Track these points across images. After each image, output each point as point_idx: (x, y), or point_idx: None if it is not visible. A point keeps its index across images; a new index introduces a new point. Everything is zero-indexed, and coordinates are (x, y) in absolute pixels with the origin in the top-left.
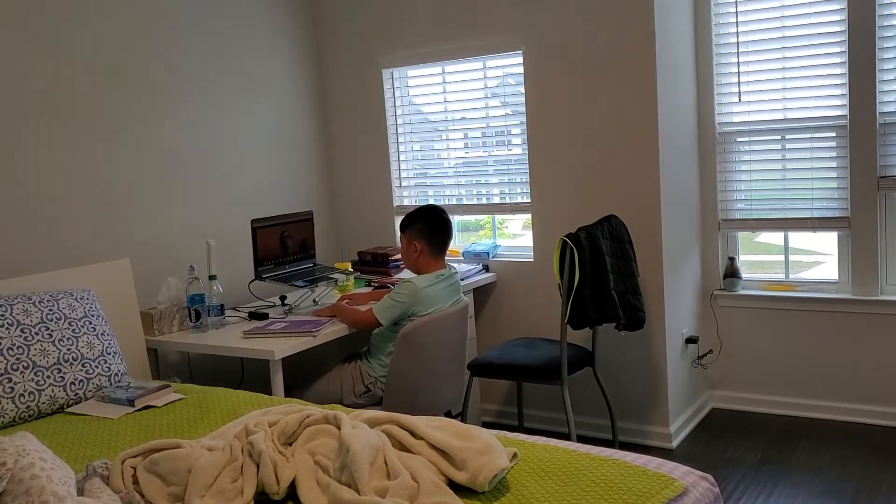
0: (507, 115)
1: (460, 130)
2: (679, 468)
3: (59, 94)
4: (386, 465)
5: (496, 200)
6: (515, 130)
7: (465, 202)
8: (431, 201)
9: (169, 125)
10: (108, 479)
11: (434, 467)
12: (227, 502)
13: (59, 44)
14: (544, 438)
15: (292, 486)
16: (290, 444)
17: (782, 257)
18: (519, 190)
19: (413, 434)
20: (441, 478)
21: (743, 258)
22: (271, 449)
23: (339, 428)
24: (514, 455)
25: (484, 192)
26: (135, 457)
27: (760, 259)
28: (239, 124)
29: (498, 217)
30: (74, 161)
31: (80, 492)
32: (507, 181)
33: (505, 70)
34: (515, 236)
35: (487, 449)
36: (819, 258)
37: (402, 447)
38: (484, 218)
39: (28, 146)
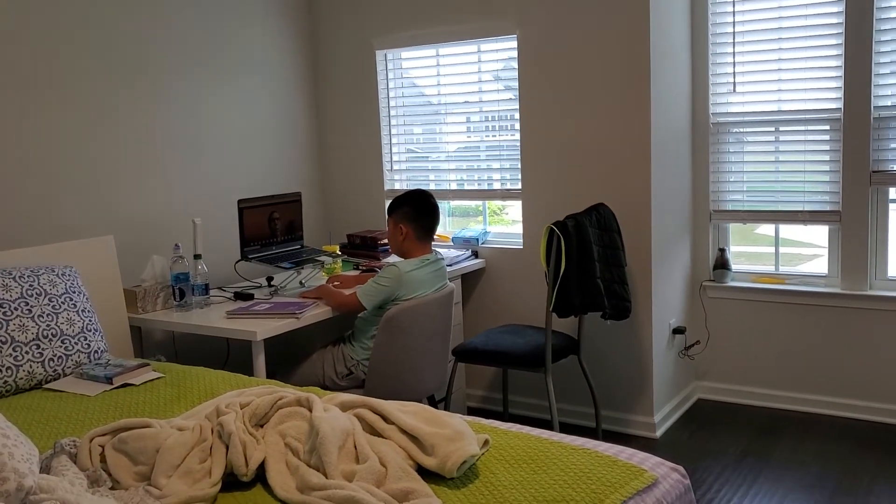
0: (505, 99)
1: (454, 115)
2: (650, 459)
3: (46, 73)
4: (355, 449)
5: (487, 186)
6: (508, 116)
7: (456, 188)
8: (423, 186)
9: (158, 103)
10: (75, 457)
11: (404, 452)
12: (195, 483)
13: (48, 23)
14: (518, 426)
15: (261, 469)
16: (262, 426)
17: (773, 249)
18: (510, 176)
19: (385, 419)
20: (410, 463)
21: (734, 249)
22: (241, 430)
23: (310, 410)
24: (486, 442)
25: (475, 177)
26: (103, 435)
27: (751, 250)
28: (230, 103)
29: (497, 203)
30: (61, 138)
31: (47, 469)
32: (498, 167)
33: (508, 54)
34: (514, 223)
35: (457, 436)
36: (811, 251)
37: (374, 431)
38: (480, 203)
39: (13, 123)
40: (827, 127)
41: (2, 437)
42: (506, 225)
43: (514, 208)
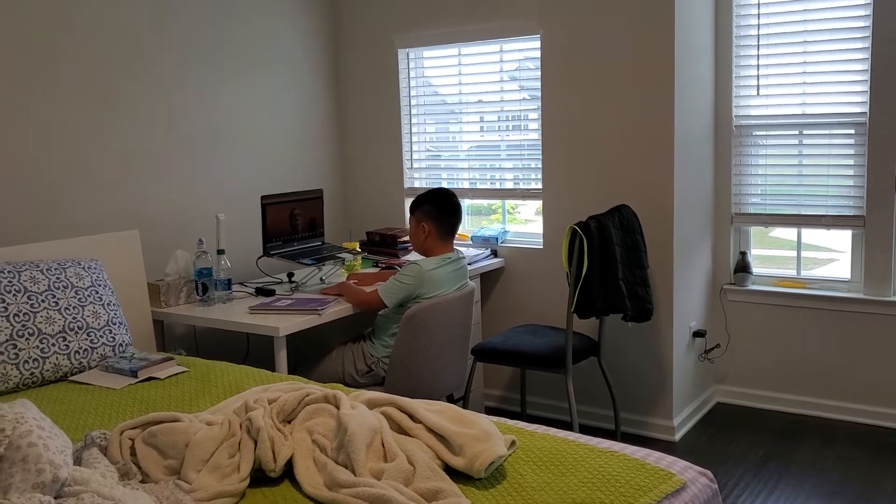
0: (522, 99)
1: (474, 114)
2: (678, 463)
3: (72, 66)
4: (383, 447)
5: (508, 185)
6: (530, 115)
7: (476, 186)
8: (443, 184)
9: (183, 99)
10: (105, 450)
11: (431, 451)
12: (224, 478)
13: (73, 15)
14: (544, 427)
15: (289, 465)
16: (289, 422)
17: (794, 253)
18: (531, 176)
19: (412, 417)
20: (438, 462)
21: (755, 252)
22: (269, 426)
23: (338, 408)
24: (513, 443)
25: (490, 176)
26: (133, 428)
27: (772, 254)
28: (253, 100)
29: (510, 202)
30: (87, 132)
31: (78, 461)
32: (519, 167)
33: (524, 54)
34: (527, 222)
35: (485, 436)
36: (827, 255)
37: (401, 430)
38: (496, 202)
39: (42, 116)
40: (852, 131)
41: (37, 428)
42: (519, 224)
43: (527, 207)
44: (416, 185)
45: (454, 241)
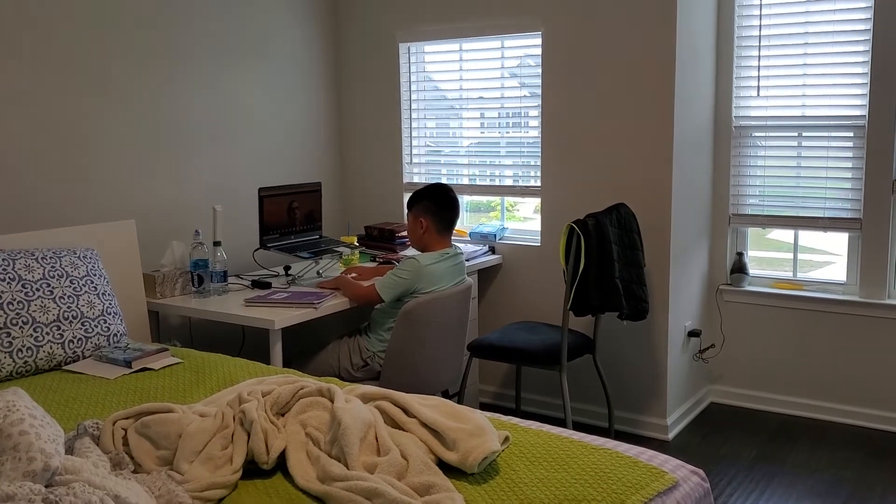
0: (523, 96)
1: (475, 110)
2: (671, 461)
3: (71, 55)
4: (377, 441)
5: (507, 182)
6: (531, 113)
7: (476, 183)
8: (442, 180)
9: (182, 90)
10: (98, 440)
11: (425, 446)
12: (216, 469)
13: (73, 6)
14: (538, 423)
15: (282, 457)
16: (283, 415)
17: (791, 255)
18: (530, 173)
19: (406, 412)
20: (431, 457)
21: (751, 254)
22: (263, 418)
23: (332, 401)
24: (507, 438)
25: (490, 172)
26: (126, 418)
27: (769, 256)
28: (252, 92)
29: (509, 200)
30: (86, 121)
31: (70, 450)
32: (519, 164)
33: (525, 51)
34: (526, 219)
35: (479, 431)
36: (823, 257)
37: (395, 424)
38: (495, 199)
39: (40, 106)
40: (851, 134)
41: (29, 417)
42: (518, 221)
43: (526, 205)
44: (416, 180)
45: (452, 237)
